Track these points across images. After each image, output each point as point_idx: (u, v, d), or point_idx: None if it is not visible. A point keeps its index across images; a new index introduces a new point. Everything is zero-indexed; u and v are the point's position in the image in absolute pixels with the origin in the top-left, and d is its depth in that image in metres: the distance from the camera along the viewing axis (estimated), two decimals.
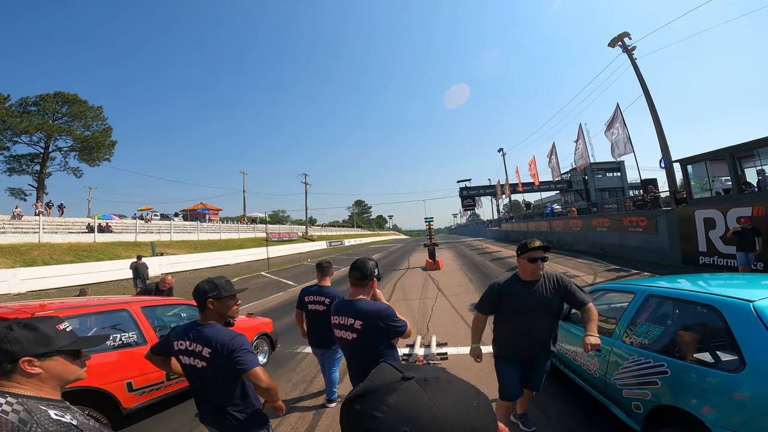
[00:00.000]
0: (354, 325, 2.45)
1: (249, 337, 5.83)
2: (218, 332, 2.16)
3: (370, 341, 2.44)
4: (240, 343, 2.12)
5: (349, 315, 2.49)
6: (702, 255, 12.50)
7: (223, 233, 39.05)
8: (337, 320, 2.56)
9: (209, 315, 2.25)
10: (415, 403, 0.50)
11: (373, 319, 2.42)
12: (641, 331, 2.92)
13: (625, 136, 17.75)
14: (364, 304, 2.49)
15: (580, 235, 22.56)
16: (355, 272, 2.57)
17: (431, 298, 10.80)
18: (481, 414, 0.52)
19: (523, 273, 2.93)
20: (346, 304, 2.54)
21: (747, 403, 2.02)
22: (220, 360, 2.09)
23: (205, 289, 2.23)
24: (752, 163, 12.47)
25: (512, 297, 2.89)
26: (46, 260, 19.39)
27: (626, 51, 17.44)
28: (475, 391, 0.56)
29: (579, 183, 41.87)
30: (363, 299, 2.53)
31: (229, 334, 2.16)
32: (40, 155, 35.13)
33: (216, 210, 53.16)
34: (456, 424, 0.48)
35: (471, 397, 0.53)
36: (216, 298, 2.23)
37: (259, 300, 12.63)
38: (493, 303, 2.99)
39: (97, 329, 4.18)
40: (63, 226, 26.00)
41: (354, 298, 2.54)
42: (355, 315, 2.46)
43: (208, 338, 2.14)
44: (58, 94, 34.57)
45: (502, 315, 3.01)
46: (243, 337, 2.19)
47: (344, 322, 2.50)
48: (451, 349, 6.14)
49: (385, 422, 0.49)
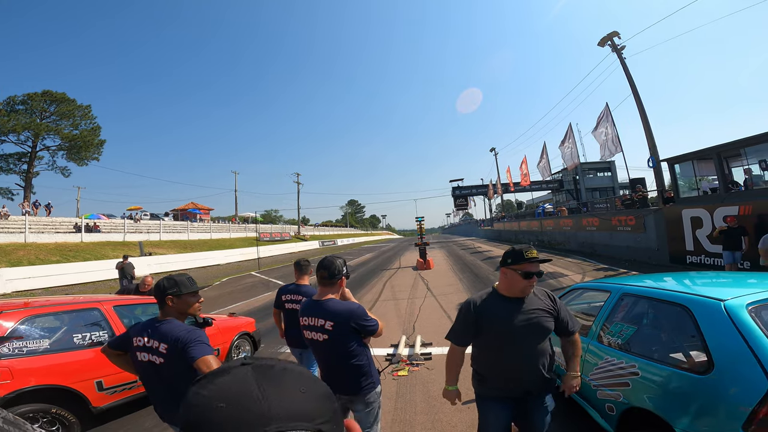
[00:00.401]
0: (325, 326, 2.38)
1: (230, 337, 5.75)
2: (175, 327, 2.15)
3: (342, 342, 2.37)
4: (195, 336, 2.10)
5: (319, 316, 2.41)
6: (689, 254, 12.56)
7: (213, 233, 38.77)
8: (307, 321, 2.48)
9: (168, 312, 2.25)
10: (240, 385, 0.51)
11: (345, 319, 2.36)
12: (615, 331, 2.87)
13: (614, 135, 17.83)
14: (334, 304, 2.42)
15: (571, 235, 22.65)
16: (323, 271, 2.49)
17: (420, 298, 10.75)
18: (307, 401, 0.52)
19: (507, 288, 2.26)
20: (315, 305, 2.47)
21: (714, 408, 1.96)
22: (175, 355, 2.07)
23: (165, 285, 2.24)
24: (739, 163, 12.55)
25: (495, 319, 2.23)
26: (32, 260, 19.12)
27: (615, 50, 17.52)
28: (309, 380, 0.56)
29: (570, 183, 42.09)
30: (333, 299, 2.46)
31: (185, 329, 2.15)
32: (27, 154, 34.63)
33: (207, 209, 52.73)
34: (275, 407, 0.49)
35: (300, 384, 0.54)
36: (175, 295, 2.23)
37: (246, 300, 12.50)
38: (469, 329, 2.31)
39: (67, 328, 4.11)
40: (50, 226, 25.64)
41: (323, 298, 2.47)
42: (326, 315, 2.39)
43: (164, 334, 2.13)
44: (46, 93, 34.16)
45: (483, 343, 2.35)
46: (200, 330, 2.18)
47: (314, 323, 2.43)
48: (436, 349, 6.08)
49: (206, 398, 0.50)
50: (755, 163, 11.96)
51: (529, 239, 31.08)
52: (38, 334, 3.85)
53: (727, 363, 1.98)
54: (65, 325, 4.11)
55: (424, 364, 5.42)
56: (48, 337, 3.92)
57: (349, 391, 2.42)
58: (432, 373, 5.08)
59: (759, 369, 1.83)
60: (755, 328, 1.98)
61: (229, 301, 12.44)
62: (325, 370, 2.55)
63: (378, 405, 2.50)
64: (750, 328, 1.99)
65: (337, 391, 2.47)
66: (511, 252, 2.24)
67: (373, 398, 2.45)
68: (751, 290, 2.32)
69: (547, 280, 12.10)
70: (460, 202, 51.66)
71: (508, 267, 2.23)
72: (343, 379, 2.42)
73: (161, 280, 2.28)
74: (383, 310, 9.57)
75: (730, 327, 2.05)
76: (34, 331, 3.84)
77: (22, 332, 3.72)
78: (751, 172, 11.94)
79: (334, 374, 2.47)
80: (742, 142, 11.58)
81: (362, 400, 2.42)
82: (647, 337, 2.67)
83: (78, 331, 4.09)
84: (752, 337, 1.95)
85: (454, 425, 3.72)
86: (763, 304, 2.16)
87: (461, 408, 4.05)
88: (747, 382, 1.85)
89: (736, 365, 1.95)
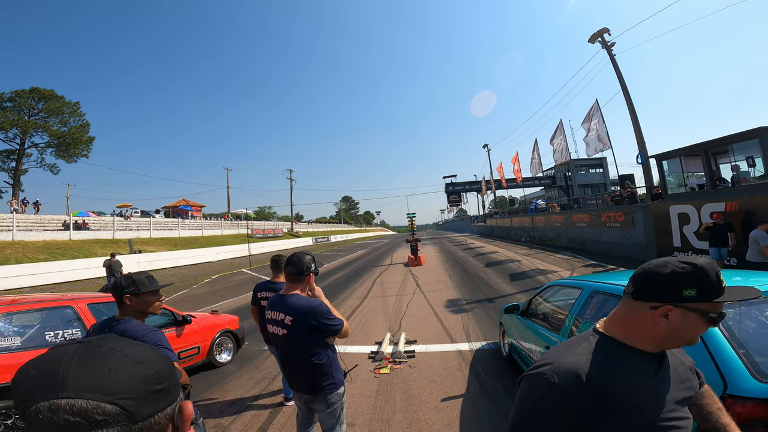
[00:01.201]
0: (284, 320, 2.34)
1: (211, 334, 5.72)
2: (133, 328, 2.11)
3: (300, 338, 2.33)
4: (155, 339, 2.08)
5: (280, 310, 2.38)
6: (677, 250, 12.64)
7: (205, 230, 38.51)
8: (270, 315, 2.45)
9: (127, 310, 2.22)
10: (56, 358, 0.55)
11: (304, 315, 2.32)
12: (584, 328, 2.82)
13: (603, 132, 17.88)
14: (296, 300, 2.38)
15: (562, 231, 22.76)
16: (291, 267, 2.45)
17: (408, 295, 10.74)
18: (111, 379, 0.54)
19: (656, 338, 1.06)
20: (280, 300, 2.44)
21: None
22: None
23: (122, 284, 2.21)
24: (727, 159, 12.63)
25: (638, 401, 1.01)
26: (20, 259, 18.87)
27: (605, 47, 17.52)
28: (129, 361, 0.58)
29: (562, 179, 42.26)
30: (296, 294, 2.42)
31: (143, 329, 2.12)
32: (15, 152, 34.19)
33: (199, 206, 52.35)
34: (72, 379, 0.52)
35: (115, 363, 0.56)
36: (134, 294, 2.20)
37: (234, 297, 12.41)
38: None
39: (40, 325, 4.10)
40: (38, 224, 25.33)
41: (288, 293, 2.44)
42: (287, 310, 2.35)
43: (122, 333, 2.06)
44: (34, 90, 33.70)
45: None
46: (160, 333, 2.16)
47: (276, 317, 2.39)
48: (420, 346, 6.07)
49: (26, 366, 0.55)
50: (742, 159, 12.05)
51: (521, 235, 31.20)
52: (10, 332, 3.83)
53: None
54: (38, 323, 4.11)
55: (407, 362, 5.41)
56: (20, 334, 3.90)
57: (308, 390, 2.38)
58: (414, 371, 5.07)
59: (716, 371, 1.79)
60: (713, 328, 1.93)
61: (218, 299, 12.36)
62: (284, 366, 2.51)
63: (341, 406, 2.46)
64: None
65: (297, 388, 2.44)
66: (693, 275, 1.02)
67: (335, 399, 2.40)
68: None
69: (536, 276, 12.15)
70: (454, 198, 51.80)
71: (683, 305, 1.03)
72: (302, 377, 2.39)
73: (119, 279, 2.24)
74: (371, 306, 9.56)
75: None
76: (5, 328, 3.82)
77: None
78: (739, 168, 12.00)
79: (292, 371, 2.45)
80: (729, 139, 11.62)
81: (323, 400, 2.38)
82: None
83: (51, 328, 4.07)
84: (710, 338, 1.91)
85: (432, 424, 3.70)
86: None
87: (440, 407, 4.05)
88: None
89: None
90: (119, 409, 0.53)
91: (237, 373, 5.51)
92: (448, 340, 6.37)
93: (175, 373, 0.65)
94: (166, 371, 0.62)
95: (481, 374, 4.82)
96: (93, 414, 0.51)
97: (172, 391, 0.62)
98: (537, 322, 3.92)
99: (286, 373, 2.48)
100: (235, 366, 5.83)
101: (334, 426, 2.43)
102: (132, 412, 0.54)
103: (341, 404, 2.46)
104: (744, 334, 1.94)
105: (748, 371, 1.75)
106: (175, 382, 0.64)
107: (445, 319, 7.71)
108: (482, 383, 4.55)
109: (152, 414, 0.57)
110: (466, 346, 5.98)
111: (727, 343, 1.88)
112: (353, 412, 4.02)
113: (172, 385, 0.62)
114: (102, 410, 0.52)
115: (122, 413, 0.53)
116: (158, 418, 0.58)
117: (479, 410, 3.91)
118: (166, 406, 0.60)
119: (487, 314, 7.86)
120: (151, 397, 0.57)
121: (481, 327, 6.98)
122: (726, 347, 1.86)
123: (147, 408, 0.57)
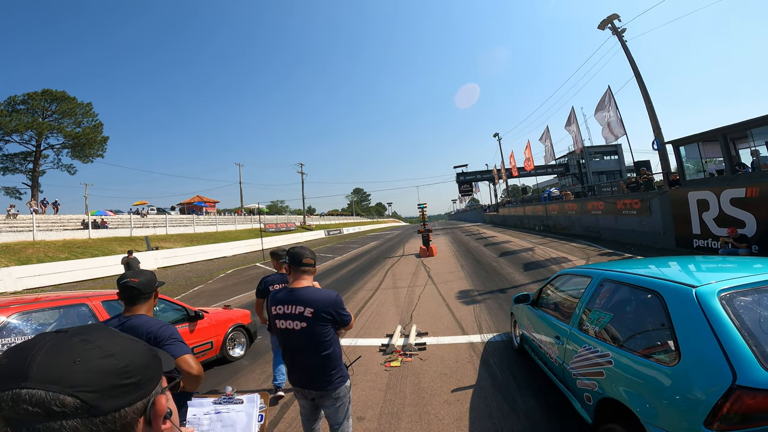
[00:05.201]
0: (304, 312, 2.31)
1: (223, 329, 5.78)
2: (146, 323, 2.12)
3: (319, 330, 2.32)
4: (169, 333, 2.08)
5: (297, 303, 2.35)
6: (696, 238, 12.36)
7: (219, 225, 38.97)
8: (282, 309, 2.39)
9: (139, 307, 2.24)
10: (27, 347, 0.57)
11: (325, 305, 2.32)
12: (594, 318, 2.79)
13: (617, 118, 17.47)
14: (313, 291, 2.39)
15: (576, 219, 22.41)
16: (308, 258, 2.48)
17: (420, 286, 10.72)
18: (76, 371, 0.55)
19: None
20: (291, 293, 2.40)
21: (679, 402, 1.86)
22: None
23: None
24: (746, 144, 12.26)
25: None
26: (41, 258, 19.39)
27: (616, 33, 17.05)
28: (96, 353, 0.58)
29: (576, 167, 41.55)
30: (310, 287, 2.43)
31: (157, 324, 2.12)
32: (32, 153, 35.00)
33: (213, 202, 52.99)
34: (35, 369, 0.53)
35: (81, 355, 0.57)
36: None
37: (248, 291, 12.56)
38: None
39: (56, 323, 4.17)
40: (58, 224, 25.97)
41: (300, 286, 2.42)
42: (305, 303, 2.33)
43: (135, 329, 2.08)
44: (46, 92, 34.33)
45: None
46: (172, 326, 2.16)
47: (291, 310, 2.35)
48: (431, 339, 6.05)
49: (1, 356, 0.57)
50: (762, 144, 11.68)
51: (534, 224, 30.86)
52: (28, 330, 3.92)
53: (694, 354, 1.87)
54: (54, 321, 4.18)
55: (418, 355, 5.40)
56: (38, 332, 3.98)
57: (318, 386, 2.37)
58: (425, 364, 5.05)
59: (724, 361, 1.73)
60: (723, 316, 1.87)
61: (232, 293, 12.53)
62: (293, 362, 2.46)
63: (348, 400, 2.45)
64: (718, 316, 1.88)
65: (304, 385, 2.42)
66: None
67: (343, 393, 2.40)
68: (740, 274, 2.20)
69: (550, 266, 12.01)
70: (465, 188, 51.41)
71: None
72: (312, 372, 2.37)
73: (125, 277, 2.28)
74: (383, 298, 9.56)
75: (699, 315, 1.94)
76: (24, 326, 3.91)
77: (12, 327, 3.78)
78: (759, 153, 11.65)
79: (302, 366, 2.41)
80: (748, 124, 11.27)
81: (331, 395, 2.37)
82: (622, 325, 2.57)
83: (66, 326, 4.11)
84: (720, 327, 1.84)
85: (442, 418, 3.69)
86: (739, 290, 2.03)
87: (450, 400, 4.03)
88: (712, 375, 1.75)
89: (702, 357, 1.84)
90: (79, 402, 0.53)
91: (249, 368, 5.58)
92: (459, 332, 6.33)
93: (152, 367, 0.65)
94: (138, 365, 0.61)
95: (492, 366, 4.79)
96: (51, 405, 0.51)
97: (145, 385, 0.62)
98: (547, 311, 3.87)
99: (293, 369, 2.46)
100: (248, 360, 5.90)
101: (342, 421, 2.42)
102: (93, 405, 0.54)
103: (349, 398, 2.46)
104: (754, 323, 1.88)
105: (758, 361, 1.68)
106: (151, 375, 0.64)
107: (457, 311, 7.68)
108: (493, 376, 4.51)
109: (118, 408, 0.57)
110: (478, 338, 5.95)
111: (737, 331, 1.81)
112: (363, 405, 4.03)
113: (146, 379, 0.62)
114: (61, 402, 0.52)
115: (82, 406, 0.53)
116: (125, 412, 0.58)
117: (490, 403, 3.87)
118: (136, 401, 0.60)
119: (500, 305, 7.80)
120: (117, 390, 0.57)
121: (493, 318, 6.93)
122: (736, 336, 1.79)
123: (111, 402, 0.56)
